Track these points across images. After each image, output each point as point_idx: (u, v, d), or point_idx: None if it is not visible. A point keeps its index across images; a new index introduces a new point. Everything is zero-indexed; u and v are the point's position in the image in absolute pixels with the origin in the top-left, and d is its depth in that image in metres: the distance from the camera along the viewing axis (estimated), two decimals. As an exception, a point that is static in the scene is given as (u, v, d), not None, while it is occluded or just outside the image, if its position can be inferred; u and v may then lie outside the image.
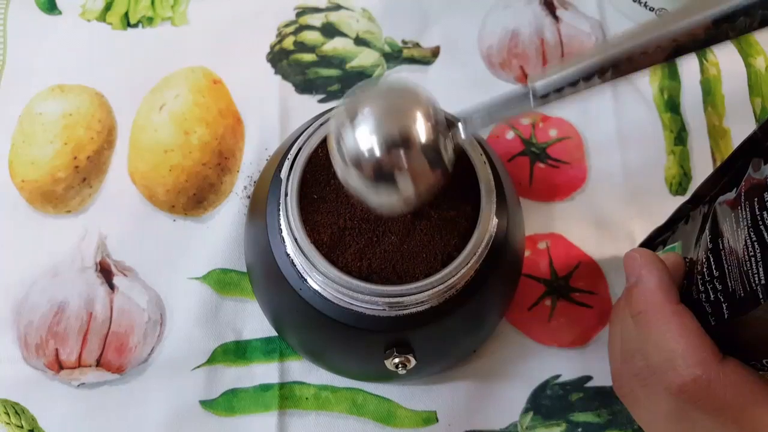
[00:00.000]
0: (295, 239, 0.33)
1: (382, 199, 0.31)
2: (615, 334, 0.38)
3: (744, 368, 0.30)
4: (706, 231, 0.33)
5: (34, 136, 0.48)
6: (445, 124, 0.30)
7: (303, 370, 0.43)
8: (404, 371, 0.36)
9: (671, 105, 0.50)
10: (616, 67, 0.27)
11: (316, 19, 0.52)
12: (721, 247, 0.31)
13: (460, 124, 0.31)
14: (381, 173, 0.29)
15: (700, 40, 0.25)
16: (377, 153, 0.29)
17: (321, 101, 0.50)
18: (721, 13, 0.24)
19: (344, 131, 0.30)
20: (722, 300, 0.30)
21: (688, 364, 0.30)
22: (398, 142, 0.29)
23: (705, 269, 0.32)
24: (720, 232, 0.31)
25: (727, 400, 0.30)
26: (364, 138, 0.29)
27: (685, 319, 0.31)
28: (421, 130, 0.29)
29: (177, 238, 0.46)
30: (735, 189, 0.31)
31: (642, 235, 0.45)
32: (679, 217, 0.39)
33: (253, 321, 0.44)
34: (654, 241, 0.43)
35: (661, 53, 0.26)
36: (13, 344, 0.43)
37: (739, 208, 0.29)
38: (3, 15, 0.52)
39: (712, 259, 0.31)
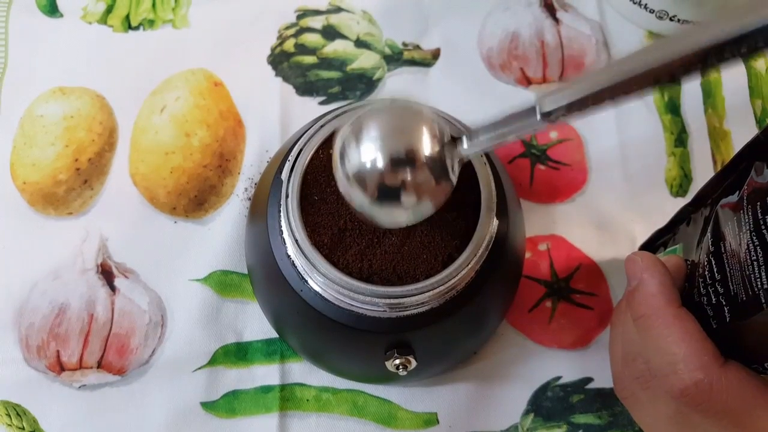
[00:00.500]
0: (296, 240, 0.34)
1: (386, 216, 0.31)
2: (616, 337, 0.38)
3: (746, 372, 0.30)
4: (708, 234, 0.33)
5: (35, 138, 0.48)
6: (450, 142, 0.30)
7: (304, 372, 0.43)
8: (405, 372, 0.36)
9: (671, 107, 0.50)
10: (627, 89, 0.26)
11: (317, 22, 0.52)
12: (722, 251, 0.31)
13: (465, 142, 0.30)
14: (385, 191, 0.29)
15: (708, 63, 0.25)
16: (382, 171, 0.29)
17: (321, 103, 0.50)
18: (729, 36, 0.24)
19: (349, 149, 0.30)
20: (724, 303, 0.30)
21: (690, 368, 0.30)
22: (403, 160, 0.29)
23: (706, 272, 0.32)
24: (722, 235, 0.31)
25: (728, 403, 0.30)
26: (369, 156, 0.29)
27: (687, 323, 0.31)
28: (427, 149, 0.29)
29: (178, 240, 0.46)
30: (737, 192, 0.31)
31: (642, 237, 0.45)
32: (680, 219, 0.39)
33: (254, 322, 0.44)
34: (655, 243, 0.43)
35: (669, 74, 0.26)
36: (14, 346, 0.43)
37: (742, 211, 0.29)
38: (4, 17, 0.52)
39: (713, 263, 0.31)
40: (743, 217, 0.29)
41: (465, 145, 0.30)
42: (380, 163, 0.29)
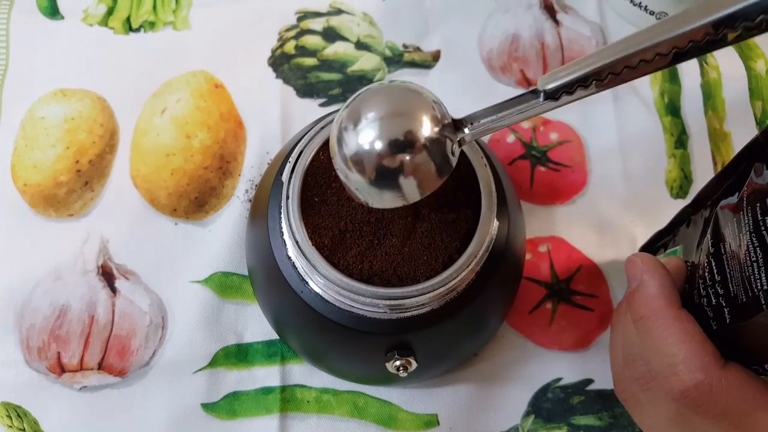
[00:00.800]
0: (297, 242, 0.34)
1: (384, 200, 0.31)
2: (616, 338, 0.38)
3: (746, 373, 0.30)
4: (708, 235, 0.33)
5: (36, 140, 0.48)
6: (451, 126, 0.30)
7: (304, 373, 0.43)
8: (405, 374, 0.36)
9: (672, 108, 0.50)
10: (626, 68, 0.27)
11: (317, 24, 0.53)
12: (722, 252, 0.31)
13: (466, 125, 0.30)
14: (384, 173, 0.29)
15: (701, 45, 0.25)
16: (380, 153, 0.29)
17: (322, 105, 0.50)
18: (721, 17, 0.25)
19: (346, 132, 0.29)
20: (724, 305, 0.30)
21: (690, 369, 0.30)
22: (402, 143, 0.28)
23: (707, 273, 0.32)
24: (722, 236, 0.31)
25: (728, 405, 0.30)
26: (367, 139, 0.29)
27: (687, 324, 0.31)
28: (426, 130, 0.29)
29: (178, 242, 0.46)
30: (737, 193, 0.31)
31: (643, 238, 0.45)
32: (681, 220, 0.39)
33: (255, 324, 0.44)
34: (655, 245, 0.43)
35: (666, 57, 0.26)
36: (15, 347, 0.43)
37: (741, 212, 0.29)
38: (6, 20, 0.52)
39: (713, 264, 0.31)
40: (743, 218, 0.29)
41: (466, 128, 0.30)
42: (378, 145, 0.28)
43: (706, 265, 0.32)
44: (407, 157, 0.29)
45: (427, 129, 0.29)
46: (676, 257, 0.37)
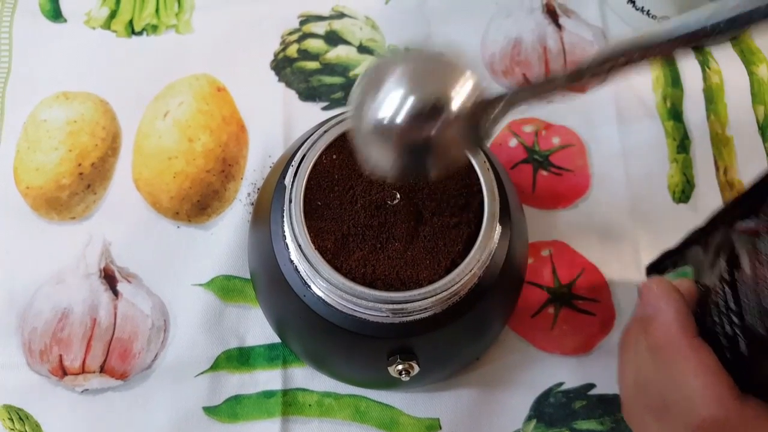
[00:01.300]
0: (299, 246, 0.34)
1: (403, 169, 0.28)
2: (627, 362, 0.36)
3: (762, 407, 0.29)
4: (721, 259, 0.32)
5: (38, 142, 0.48)
6: (484, 98, 0.28)
7: (306, 377, 0.43)
8: (407, 378, 0.36)
9: (674, 113, 0.50)
10: (648, 48, 0.25)
11: (320, 27, 0.53)
12: (738, 279, 0.30)
13: (500, 103, 0.28)
14: (409, 141, 0.27)
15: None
16: (405, 120, 0.26)
17: (324, 109, 0.50)
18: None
19: (371, 91, 0.27)
20: (740, 335, 0.29)
21: (706, 402, 0.29)
22: (430, 110, 0.26)
23: (719, 300, 0.31)
24: (737, 262, 0.30)
25: None
26: (394, 101, 0.26)
27: (703, 355, 0.30)
28: (459, 99, 0.26)
29: (181, 245, 0.46)
30: (752, 216, 0.30)
31: (645, 243, 0.45)
32: (692, 240, 0.38)
33: (257, 327, 0.44)
34: (663, 263, 0.42)
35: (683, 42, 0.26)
36: (17, 350, 0.43)
37: (759, 239, 0.28)
38: (9, 23, 0.52)
39: (727, 291, 0.30)
40: (763, 246, 0.28)
41: (496, 104, 0.28)
42: (406, 109, 0.26)
43: (719, 291, 0.31)
44: (436, 125, 0.26)
45: (460, 99, 0.26)
46: (688, 279, 0.35)
